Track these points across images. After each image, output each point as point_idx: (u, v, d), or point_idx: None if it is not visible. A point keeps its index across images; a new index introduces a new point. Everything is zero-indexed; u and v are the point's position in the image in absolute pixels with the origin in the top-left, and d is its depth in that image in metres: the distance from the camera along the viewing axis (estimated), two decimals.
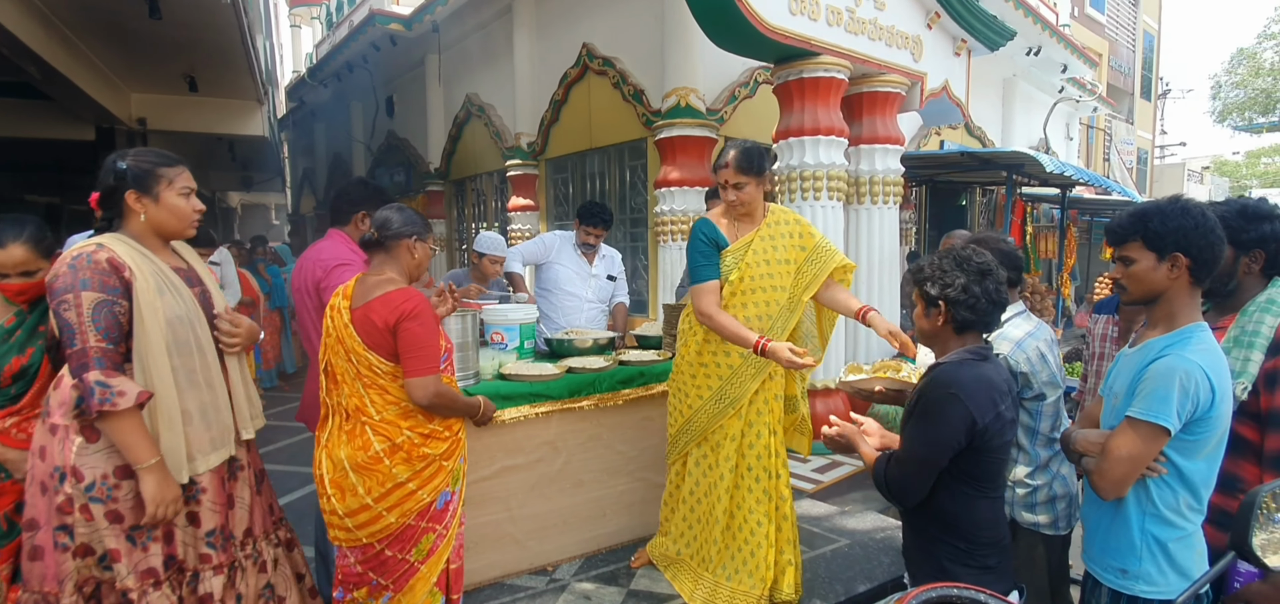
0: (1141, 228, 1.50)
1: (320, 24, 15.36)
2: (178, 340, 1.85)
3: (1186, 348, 1.45)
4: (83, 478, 1.77)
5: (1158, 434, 1.43)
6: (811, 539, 3.46)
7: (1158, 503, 1.50)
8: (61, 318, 1.71)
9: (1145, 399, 1.44)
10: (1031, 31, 8.99)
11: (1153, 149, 20.05)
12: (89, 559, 1.80)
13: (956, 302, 1.64)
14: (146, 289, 1.79)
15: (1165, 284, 1.51)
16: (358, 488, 2.02)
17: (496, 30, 7.94)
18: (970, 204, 9.87)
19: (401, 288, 2.08)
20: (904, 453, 1.65)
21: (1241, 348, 1.65)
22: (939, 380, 1.61)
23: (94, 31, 5.50)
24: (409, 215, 2.15)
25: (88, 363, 1.69)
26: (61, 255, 1.80)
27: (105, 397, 1.68)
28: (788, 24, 4.46)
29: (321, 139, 15.03)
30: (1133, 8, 16.96)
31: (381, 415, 2.04)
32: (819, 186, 4.79)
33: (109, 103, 6.84)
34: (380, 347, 2.02)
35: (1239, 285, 1.74)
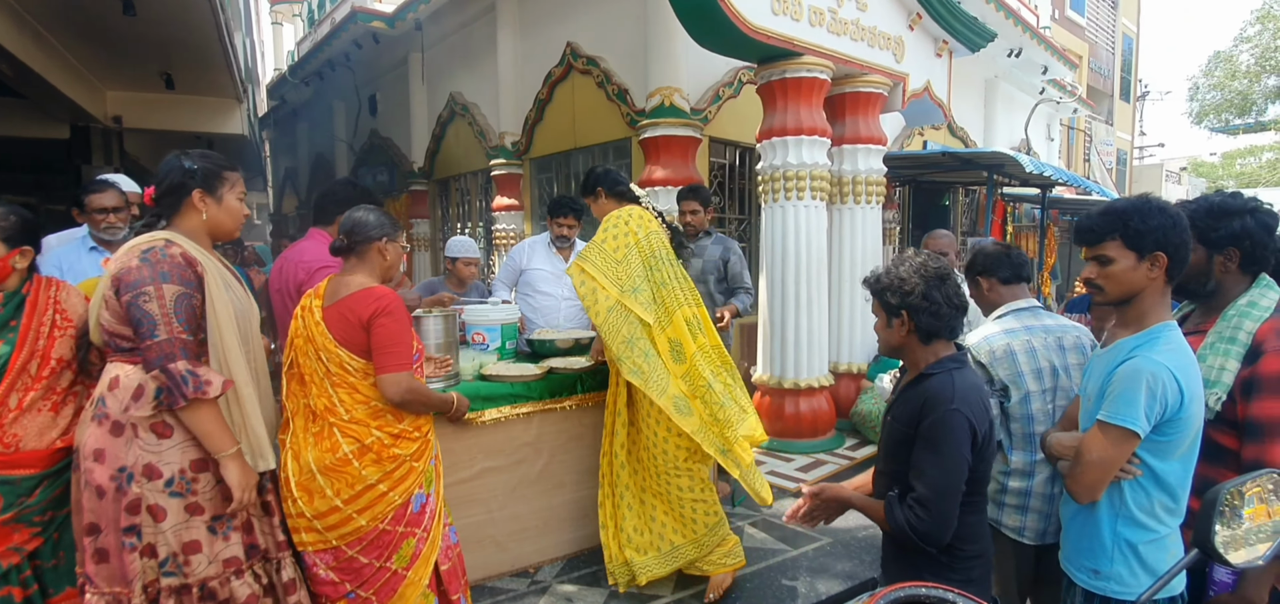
0: (1121, 226, 1.47)
1: (302, 21, 15.17)
2: (243, 335, 1.92)
3: (1154, 348, 1.44)
4: (160, 474, 1.79)
5: (1127, 437, 1.43)
6: (794, 538, 3.47)
7: (1130, 505, 1.50)
8: (140, 310, 1.72)
9: (1113, 402, 1.44)
10: (1012, 33, 9.08)
11: (1132, 150, 20.35)
12: (152, 561, 1.80)
13: (919, 309, 1.60)
14: (215, 283, 1.85)
15: (1144, 283, 1.48)
16: (326, 490, 2.00)
17: (480, 29, 7.88)
18: (953, 204, 9.95)
19: (375, 285, 2.09)
20: (928, 491, 1.51)
21: (1217, 354, 1.58)
22: (938, 398, 1.55)
23: (68, 28, 5.39)
24: (378, 217, 2.14)
25: (174, 353, 1.73)
26: (125, 249, 1.80)
27: (197, 384, 1.72)
28: (770, 24, 4.47)
29: (304, 138, 14.86)
30: (1112, 11, 17.20)
31: (351, 415, 2.02)
32: (802, 186, 4.80)
33: (84, 100, 6.71)
34: (352, 343, 2.01)
35: (1219, 286, 1.66)
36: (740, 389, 2.88)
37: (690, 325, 2.78)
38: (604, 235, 2.80)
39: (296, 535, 2.06)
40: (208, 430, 1.79)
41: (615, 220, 2.82)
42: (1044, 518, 2.00)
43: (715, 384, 2.73)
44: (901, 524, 1.55)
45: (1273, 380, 1.50)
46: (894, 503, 1.59)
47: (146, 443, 1.79)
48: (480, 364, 3.15)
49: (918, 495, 1.54)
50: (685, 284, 2.88)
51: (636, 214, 2.86)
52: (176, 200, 1.89)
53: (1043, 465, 1.96)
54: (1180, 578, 1.52)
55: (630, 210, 2.87)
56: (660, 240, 2.86)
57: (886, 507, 1.61)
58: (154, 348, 1.72)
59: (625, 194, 3.01)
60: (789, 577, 3.11)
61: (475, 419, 2.80)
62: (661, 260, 2.81)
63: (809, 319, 4.90)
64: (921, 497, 1.53)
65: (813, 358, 4.94)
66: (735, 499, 3.88)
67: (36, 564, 1.95)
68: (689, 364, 2.74)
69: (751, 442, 2.79)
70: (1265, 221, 1.62)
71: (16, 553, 1.89)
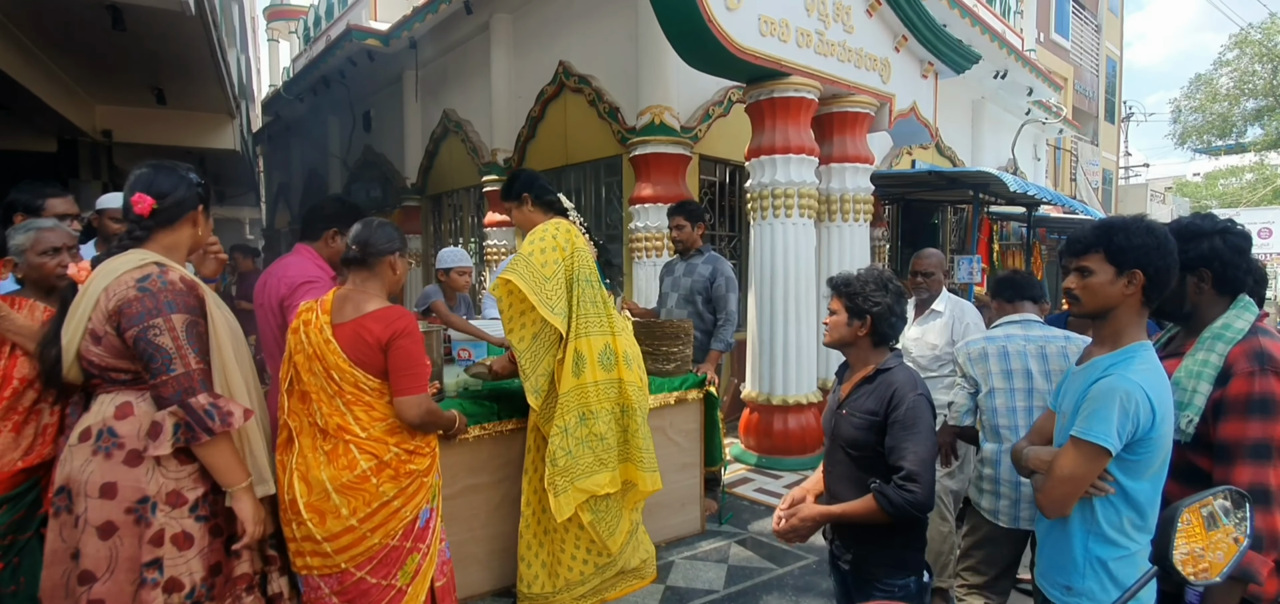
0: (1105, 241, 1.50)
1: (298, 38, 15.25)
2: (240, 354, 1.88)
3: (1129, 367, 1.46)
4: (185, 500, 1.73)
5: (1098, 454, 1.44)
6: (780, 556, 3.46)
7: (1101, 521, 1.51)
8: (151, 344, 1.64)
9: (1087, 419, 1.45)
10: (998, 56, 9.23)
11: (1117, 170, 20.62)
12: (176, 596, 1.70)
13: (881, 317, 1.80)
14: (214, 304, 1.80)
15: (1119, 299, 1.51)
16: (341, 509, 1.94)
17: (474, 47, 7.94)
18: (943, 222, 10.04)
19: (391, 306, 2.06)
20: (914, 467, 1.66)
21: (1191, 377, 1.60)
22: (905, 384, 1.75)
23: (55, 42, 5.39)
24: (389, 232, 2.12)
25: (194, 386, 1.67)
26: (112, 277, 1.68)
27: (223, 417, 1.68)
28: (758, 45, 4.53)
29: (297, 154, 14.85)
30: (1096, 34, 17.51)
31: (368, 432, 1.98)
32: (790, 204, 4.84)
33: (72, 114, 6.69)
34: (368, 363, 1.98)
35: (1196, 308, 1.67)
36: (629, 437, 2.82)
37: (595, 356, 2.71)
38: (532, 248, 2.61)
39: (300, 559, 2.00)
40: (224, 463, 1.74)
41: (544, 233, 2.66)
42: (1014, 504, 2.25)
43: (573, 429, 2.66)
44: (899, 504, 1.66)
45: (1238, 402, 1.52)
46: (884, 490, 1.70)
47: (169, 470, 1.71)
48: (464, 381, 3.14)
49: (907, 472, 1.67)
50: (604, 312, 2.78)
51: (565, 228, 2.71)
52: (177, 215, 1.82)
53: (1007, 454, 2.19)
54: (1149, 591, 1.52)
55: (559, 223, 2.72)
56: (586, 260, 2.73)
57: (877, 497, 1.70)
58: (170, 383, 1.66)
59: (554, 204, 2.84)
60: (775, 596, 3.10)
61: (460, 435, 2.79)
62: (583, 282, 2.69)
63: (797, 335, 4.92)
64: (911, 472, 1.66)
65: (801, 374, 4.95)
66: (722, 518, 3.86)
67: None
68: (579, 383, 2.68)
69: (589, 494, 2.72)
70: (1235, 243, 1.63)
71: None
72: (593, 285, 2.73)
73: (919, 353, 3.05)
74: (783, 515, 1.86)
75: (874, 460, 1.77)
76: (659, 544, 3.45)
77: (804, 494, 1.95)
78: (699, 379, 3.64)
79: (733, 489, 4.45)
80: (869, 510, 1.71)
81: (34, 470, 1.93)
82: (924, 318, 3.10)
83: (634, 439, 2.83)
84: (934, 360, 3.01)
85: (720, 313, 3.88)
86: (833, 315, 1.87)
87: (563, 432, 2.63)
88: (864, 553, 1.82)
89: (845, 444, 1.84)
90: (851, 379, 1.89)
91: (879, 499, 1.69)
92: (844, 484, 1.85)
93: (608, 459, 2.75)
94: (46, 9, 4.62)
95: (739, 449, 5.20)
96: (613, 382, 2.78)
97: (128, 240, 1.78)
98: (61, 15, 4.74)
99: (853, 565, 1.84)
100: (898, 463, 1.69)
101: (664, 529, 3.53)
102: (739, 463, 5.08)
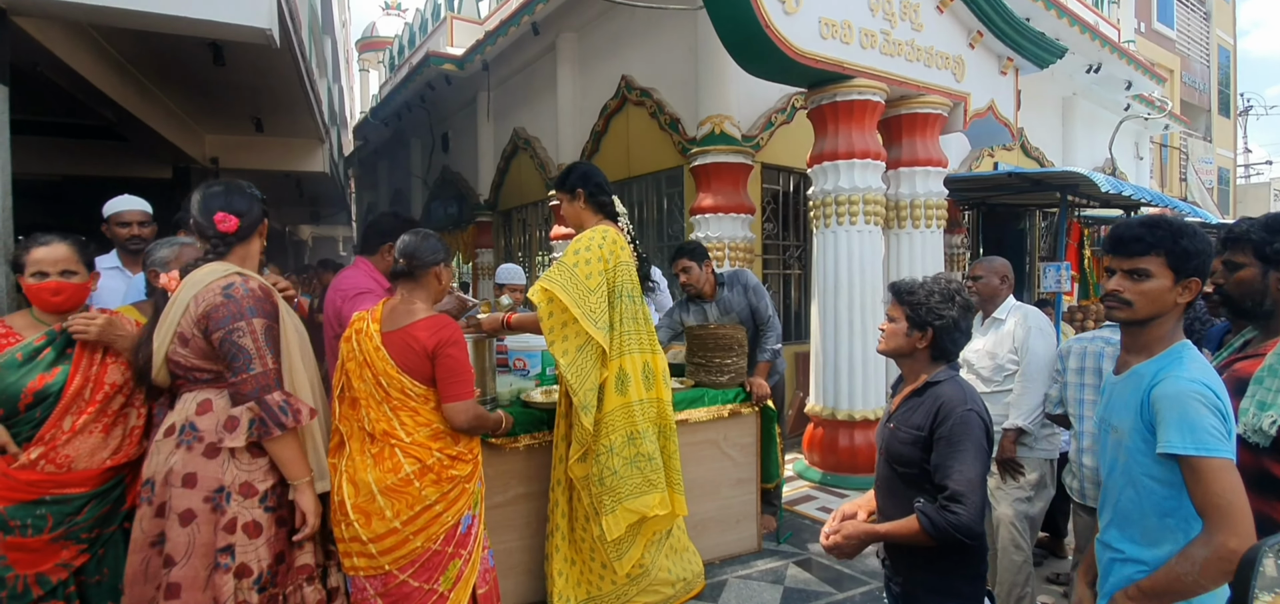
0: (1169, 244, 1.39)
1: (384, 68, 16.20)
2: (306, 359, 2.03)
3: (1182, 367, 1.34)
4: (256, 491, 1.88)
5: (1225, 464, 1.27)
6: (840, 580, 3.32)
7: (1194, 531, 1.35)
8: (234, 345, 1.81)
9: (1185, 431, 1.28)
10: (1090, 48, 8.61)
11: (1234, 168, 18.72)
12: (246, 581, 1.85)
13: (945, 331, 1.70)
14: (285, 310, 1.96)
15: (1171, 306, 1.41)
16: (386, 511, 2.02)
17: (541, 66, 8.16)
18: (1030, 228, 9.42)
19: (437, 314, 2.15)
20: (958, 487, 1.55)
21: (1276, 377, 1.49)
22: (953, 398, 1.64)
23: (166, 77, 5.94)
24: (433, 244, 2.19)
25: (271, 383, 1.84)
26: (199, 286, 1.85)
27: (295, 413, 1.84)
28: (819, 49, 4.42)
29: (384, 175, 15.73)
30: (1205, 22, 16.03)
31: (412, 437, 2.06)
32: (855, 211, 4.67)
33: (184, 144, 7.35)
34: (415, 370, 2.06)
35: (1278, 306, 1.58)
36: (666, 461, 2.74)
37: (638, 374, 2.64)
38: (576, 258, 2.52)
39: (348, 560, 2.08)
40: (291, 457, 1.88)
41: (590, 242, 2.56)
42: (1094, 484, 2.47)
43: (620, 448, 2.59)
44: (941, 527, 1.56)
45: None
46: (926, 510, 1.59)
47: (242, 463, 1.87)
48: (519, 390, 3.19)
49: (951, 493, 1.56)
50: (645, 328, 2.70)
51: (612, 237, 2.61)
52: (251, 231, 2.01)
53: (1078, 438, 2.56)
54: None
55: (605, 232, 2.61)
56: (629, 274, 2.65)
57: (919, 517, 1.59)
58: (250, 381, 1.81)
59: (608, 207, 2.72)
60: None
61: (510, 444, 2.84)
62: (625, 297, 2.61)
63: (863, 347, 4.73)
64: (955, 493, 1.56)
65: (867, 388, 4.75)
66: (780, 536, 3.74)
67: (81, 580, 2.04)
68: (624, 402, 2.61)
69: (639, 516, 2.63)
70: None
71: (65, 569, 1.98)
72: (634, 301, 2.66)
73: (980, 364, 2.86)
74: (831, 530, 1.77)
75: (921, 479, 1.66)
76: (711, 561, 3.38)
77: (856, 510, 1.86)
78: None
79: (794, 507, 4.31)
80: (912, 532, 1.60)
81: (120, 468, 2.08)
82: (986, 326, 2.91)
83: (672, 460, 2.78)
84: (996, 371, 2.82)
85: (762, 324, 3.71)
86: (891, 323, 1.78)
87: (609, 451, 2.58)
88: (914, 578, 1.71)
89: (892, 460, 1.75)
90: (903, 392, 1.80)
91: (922, 520, 1.58)
92: (891, 502, 1.75)
93: (656, 480, 2.67)
94: (159, 50, 5.10)
95: (802, 465, 5.04)
96: (653, 400, 2.72)
97: (212, 255, 1.96)
98: (172, 55, 5.22)
99: (903, 591, 1.74)
100: (943, 482, 1.59)
101: (717, 546, 3.45)
102: (802, 480, 4.93)
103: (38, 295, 2.03)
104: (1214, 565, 1.23)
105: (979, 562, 1.70)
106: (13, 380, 1.94)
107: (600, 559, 2.73)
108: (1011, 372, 2.80)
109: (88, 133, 7.13)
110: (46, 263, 2.01)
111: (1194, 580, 1.26)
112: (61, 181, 8.50)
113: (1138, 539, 1.42)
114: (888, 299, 1.82)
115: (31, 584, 1.94)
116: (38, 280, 2.01)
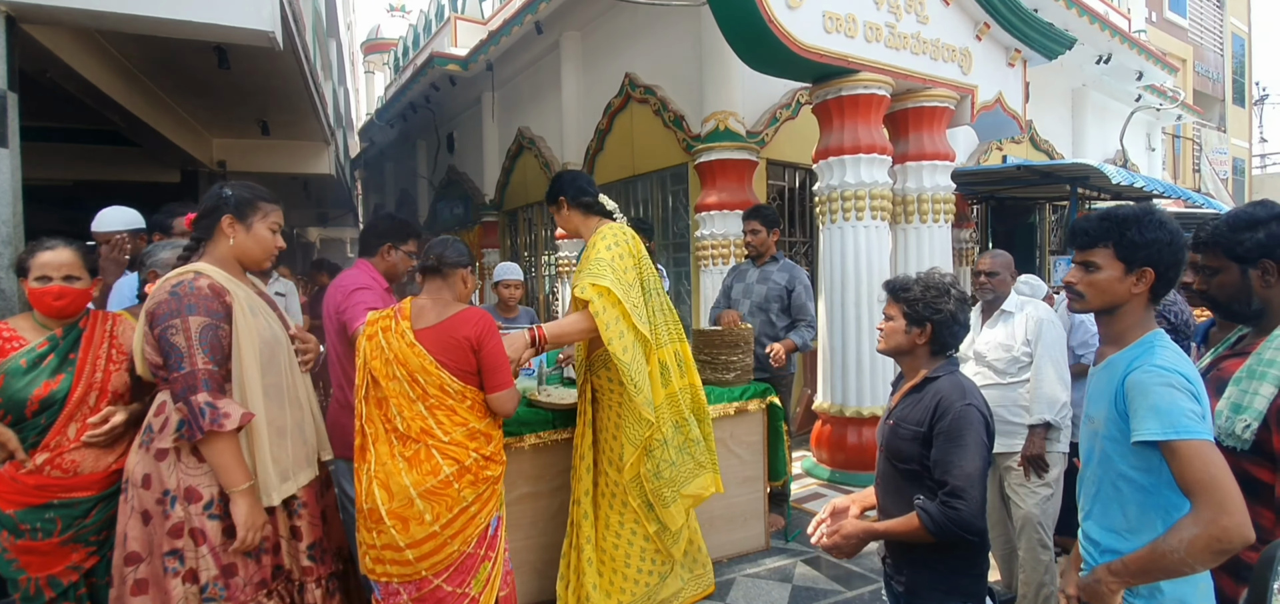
0: (1116, 235, 1.39)
1: (389, 69, 16.25)
2: (271, 361, 1.94)
3: (1153, 356, 1.33)
4: (200, 497, 1.82)
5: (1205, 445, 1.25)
6: (848, 578, 3.29)
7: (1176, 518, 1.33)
8: (167, 342, 1.78)
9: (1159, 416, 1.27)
10: (1100, 39, 8.50)
11: (1249, 158, 18.46)
12: (193, 587, 1.82)
13: (944, 325, 1.70)
14: (242, 312, 1.89)
15: (1125, 297, 1.40)
16: (425, 515, 1.97)
17: (546, 66, 8.16)
18: (1040, 222, 9.33)
19: (473, 307, 2.16)
20: (958, 483, 1.54)
21: (1252, 378, 1.46)
22: (952, 394, 1.64)
23: (172, 81, 5.98)
24: (460, 247, 2.24)
25: (196, 384, 1.76)
26: (158, 284, 1.87)
27: (214, 417, 1.75)
28: (823, 43, 4.38)
29: (390, 176, 15.79)
30: (1218, 10, 15.82)
31: (450, 436, 2.02)
32: (861, 206, 4.64)
33: (191, 147, 7.39)
34: (457, 364, 2.03)
35: (1267, 304, 1.53)
36: (706, 441, 2.77)
37: (674, 363, 2.68)
38: (611, 254, 2.49)
39: (379, 567, 2.02)
40: (223, 464, 1.79)
41: (616, 239, 2.56)
42: None
43: (672, 438, 2.63)
44: (943, 523, 1.55)
45: None
46: (927, 506, 1.59)
47: (187, 466, 1.83)
48: (525, 389, 3.18)
49: (951, 488, 1.56)
50: (670, 317, 2.74)
51: (629, 234, 2.64)
52: (210, 225, 1.95)
53: None
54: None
55: (618, 229, 2.62)
56: (650, 267, 2.68)
57: (920, 514, 1.60)
58: (179, 379, 1.76)
59: (594, 207, 2.70)
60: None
61: (515, 443, 2.83)
62: (653, 291, 2.64)
63: (871, 344, 4.68)
64: (955, 488, 1.55)
65: (876, 385, 4.71)
66: (788, 534, 3.72)
67: (92, 582, 2.05)
68: (669, 392, 2.64)
69: (697, 499, 2.68)
70: None
71: (75, 571, 2.00)
72: (659, 294, 2.70)
73: (994, 357, 2.81)
74: (825, 527, 1.77)
75: (921, 475, 1.65)
76: (719, 560, 3.36)
77: (847, 505, 1.85)
78: (760, 389, 3.53)
79: (803, 505, 4.29)
80: (913, 529, 1.60)
81: None
82: (994, 319, 2.87)
83: (709, 441, 2.82)
84: (1010, 363, 2.78)
85: (801, 319, 3.80)
86: (889, 321, 1.78)
87: (663, 443, 2.61)
88: (915, 576, 1.70)
89: (893, 457, 1.74)
90: (903, 389, 1.79)
91: (922, 516, 1.58)
92: (892, 499, 1.74)
93: (705, 461, 2.74)
94: (165, 55, 5.13)
95: (811, 463, 5.01)
96: (688, 387, 2.78)
97: (186, 253, 1.98)
98: (177, 59, 5.25)
99: (905, 589, 1.72)
100: (943, 477, 1.58)
101: (725, 545, 3.43)
102: (810, 477, 4.90)
103: (41, 300, 2.03)
104: (1204, 544, 1.21)
105: (980, 559, 1.70)
106: (19, 387, 1.95)
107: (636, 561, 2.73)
108: (1026, 363, 2.76)
109: (97, 138, 7.20)
110: (50, 267, 2.02)
111: (1180, 559, 1.23)
112: (73, 187, 8.57)
113: (1115, 529, 1.41)
114: (883, 298, 1.82)
115: (44, 586, 1.97)
116: (41, 285, 2.01)
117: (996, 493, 2.91)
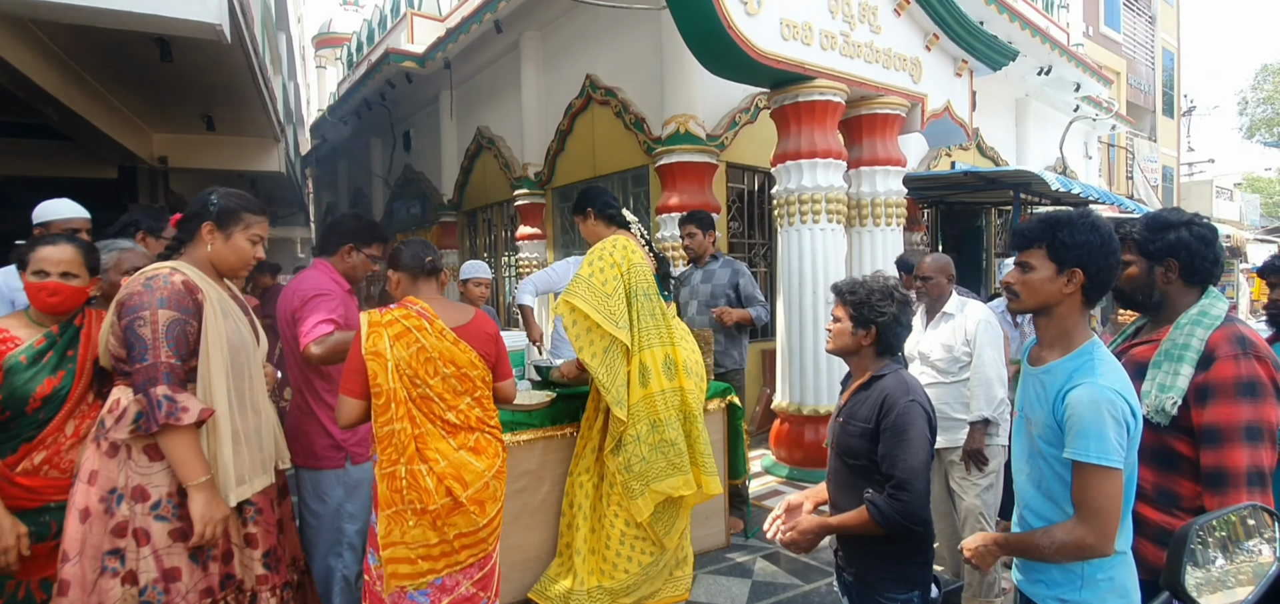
0: (1049, 237, 1.47)
1: (342, 64, 15.84)
2: (235, 364, 1.93)
3: (1095, 373, 1.40)
4: (148, 496, 1.79)
5: (1114, 474, 1.36)
6: (806, 572, 3.37)
7: None
8: (134, 334, 1.75)
9: (1086, 441, 1.36)
10: (1041, 51, 8.90)
11: (1178, 166, 19.57)
12: (132, 588, 1.78)
13: (888, 326, 1.77)
14: (213, 311, 1.88)
15: (1057, 297, 1.47)
16: (498, 493, 2.13)
17: (505, 65, 8.09)
18: (986, 226, 9.71)
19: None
20: (904, 475, 1.62)
21: (1172, 361, 1.59)
22: (896, 391, 1.71)
23: (111, 74, 5.71)
24: (436, 251, 2.34)
25: (157, 377, 1.74)
26: (132, 277, 1.86)
27: (171, 410, 1.73)
28: (780, 50, 4.47)
29: (343, 174, 15.39)
30: (1150, 25, 16.72)
31: (493, 421, 2.19)
32: (817, 209, 4.75)
33: (130, 142, 7.06)
34: (490, 357, 2.19)
35: (1165, 297, 1.69)
36: (692, 445, 2.81)
37: (658, 367, 2.75)
38: (590, 269, 2.70)
39: (446, 559, 2.00)
40: (181, 458, 1.77)
41: (602, 252, 2.73)
42: None
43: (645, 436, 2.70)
44: (890, 515, 1.63)
45: (1226, 385, 1.52)
46: (875, 499, 1.66)
47: (138, 464, 1.80)
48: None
49: (897, 481, 1.64)
50: (664, 323, 2.81)
51: (622, 244, 2.77)
52: (192, 228, 1.97)
53: None
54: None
55: (616, 240, 2.77)
56: (643, 275, 2.77)
57: (869, 507, 1.67)
58: (140, 371, 1.75)
59: (616, 218, 2.95)
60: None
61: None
62: (640, 297, 2.73)
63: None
64: (901, 481, 1.63)
65: (832, 383, 4.82)
66: (748, 531, 3.78)
67: None
68: (646, 393, 2.72)
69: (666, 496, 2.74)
70: (1201, 234, 1.66)
71: None
72: (650, 299, 2.79)
73: (937, 357, 2.94)
74: (781, 523, 1.83)
75: (870, 469, 1.72)
76: None
77: (801, 502, 1.91)
78: (720, 389, 3.58)
79: (762, 502, 4.36)
80: (863, 522, 1.68)
81: None
82: (936, 321, 3.00)
83: (697, 444, 2.87)
84: (951, 363, 2.91)
85: (752, 305, 3.99)
86: (836, 323, 1.84)
87: (635, 440, 2.72)
88: (865, 567, 1.77)
89: (843, 453, 1.81)
90: (851, 388, 1.86)
91: (871, 510, 1.66)
92: (843, 494, 1.81)
93: (680, 464, 2.80)
94: (103, 47, 4.90)
95: (770, 461, 5.11)
96: (675, 390, 2.83)
97: (167, 253, 1.99)
98: (117, 51, 5.02)
99: (856, 580, 1.79)
100: (889, 471, 1.66)
101: None
102: (770, 475, 4.99)
103: (36, 294, 1.99)
104: (1070, 552, 1.39)
105: (927, 548, 1.78)
106: (21, 383, 1.92)
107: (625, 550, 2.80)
108: (966, 362, 2.89)
109: (28, 131, 6.82)
110: (48, 262, 1.99)
111: (1047, 553, 1.43)
112: (1, 183, 8.11)
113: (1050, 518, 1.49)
114: (830, 300, 1.89)
115: (35, 589, 1.93)
116: (37, 279, 1.98)
117: (942, 486, 3.03)
